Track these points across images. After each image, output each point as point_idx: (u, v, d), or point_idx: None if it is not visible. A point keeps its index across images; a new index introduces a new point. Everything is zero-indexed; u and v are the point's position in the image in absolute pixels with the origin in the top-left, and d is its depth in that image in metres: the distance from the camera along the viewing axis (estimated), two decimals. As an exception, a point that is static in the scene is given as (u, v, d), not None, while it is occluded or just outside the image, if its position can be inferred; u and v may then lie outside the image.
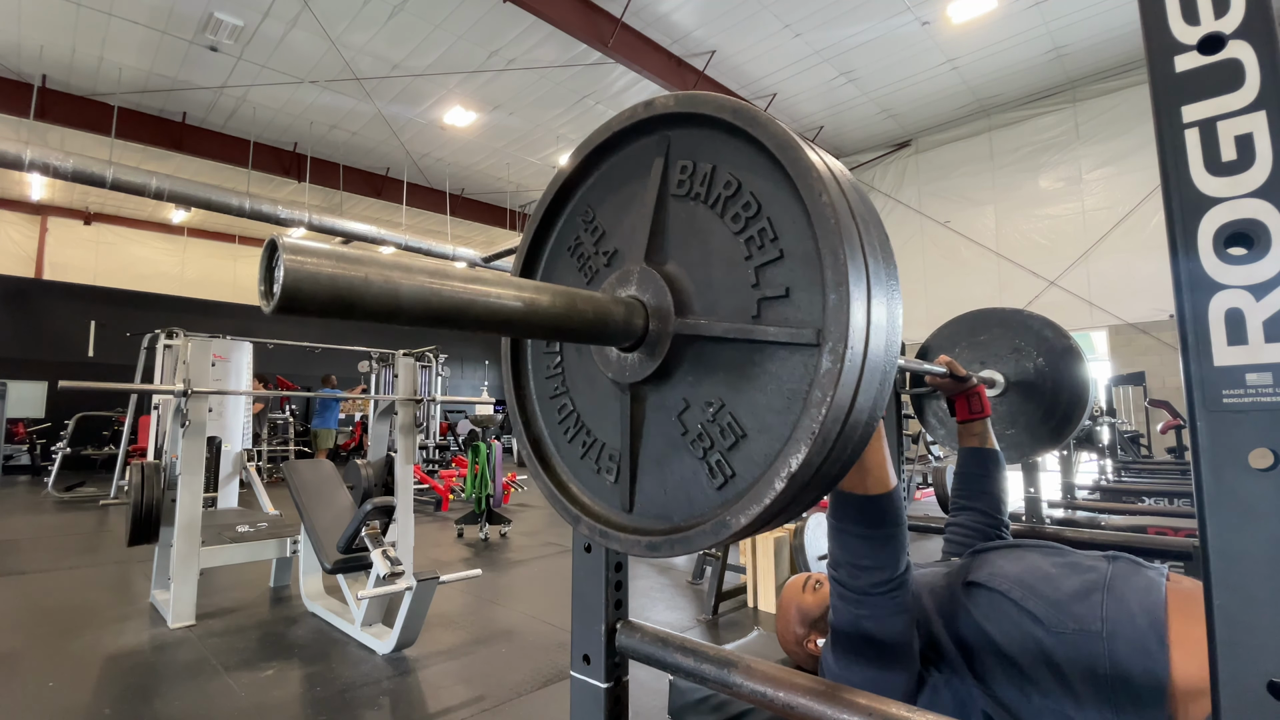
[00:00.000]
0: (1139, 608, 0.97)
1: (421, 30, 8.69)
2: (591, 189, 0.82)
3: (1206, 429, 0.49)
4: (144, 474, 3.53)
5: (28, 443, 11.20)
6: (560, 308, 0.60)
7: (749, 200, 0.64)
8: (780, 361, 0.60)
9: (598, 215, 0.81)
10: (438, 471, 8.98)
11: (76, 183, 9.07)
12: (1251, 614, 0.47)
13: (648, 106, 0.72)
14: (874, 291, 0.56)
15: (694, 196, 0.69)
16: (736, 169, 0.65)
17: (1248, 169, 0.49)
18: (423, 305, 0.49)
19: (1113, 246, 9.82)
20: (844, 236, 0.55)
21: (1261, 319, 0.48)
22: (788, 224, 0.61)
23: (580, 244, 0.83)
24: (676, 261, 0.70)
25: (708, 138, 0.68)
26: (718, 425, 0.65)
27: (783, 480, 0.56)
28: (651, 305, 0.69)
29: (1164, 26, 0.53)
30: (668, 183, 0.72)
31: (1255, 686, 0.46)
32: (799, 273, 0.60)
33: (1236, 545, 0.48)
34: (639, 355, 0.70)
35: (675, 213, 0.71)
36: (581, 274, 0.83)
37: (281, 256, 0.42)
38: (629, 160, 0.77)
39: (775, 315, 0.61)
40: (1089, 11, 8.44)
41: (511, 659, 3.09)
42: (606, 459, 0.77)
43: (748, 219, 0.64)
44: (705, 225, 0.68)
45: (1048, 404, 1.87)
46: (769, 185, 0.62)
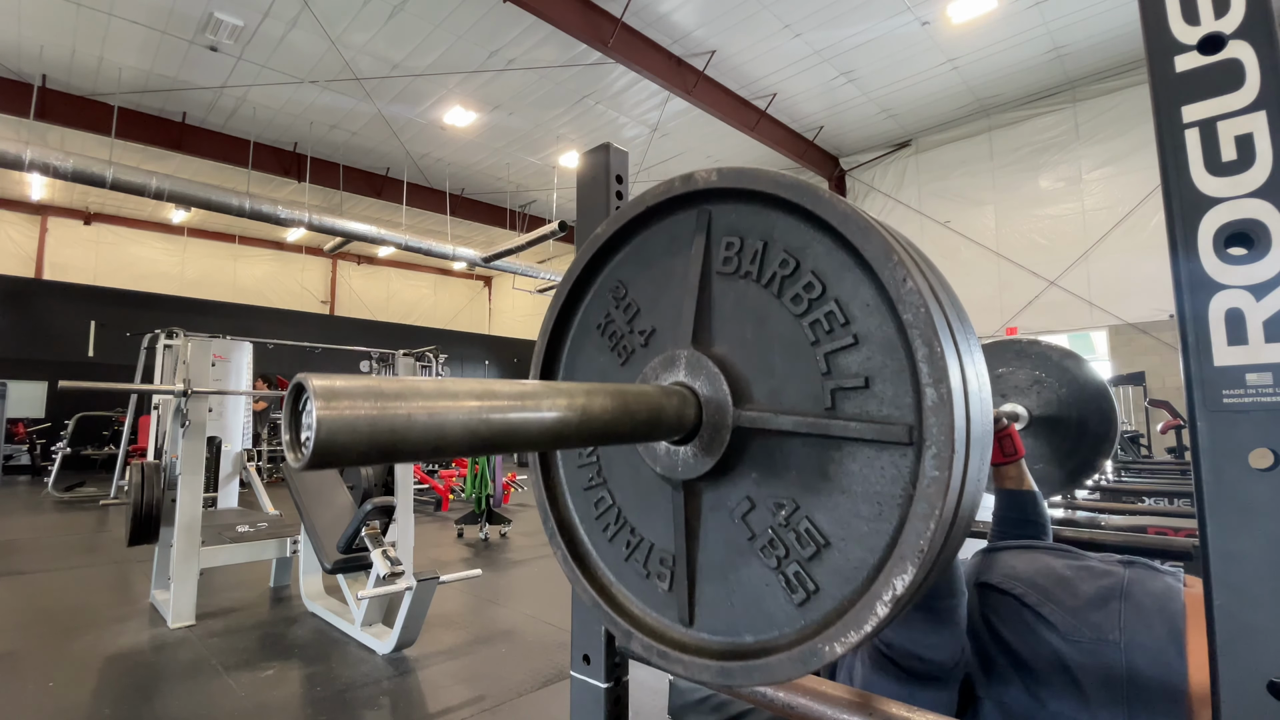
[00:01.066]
0: (1157, 617, 0.95)
1: (421, 30, 8.69)
2: (622, 263, 0.76)
3: (1206, 429, 0.49)
4: (144, 474, 3.53)
5: (28, 443, 11.21)
6: (613, 412, 0.55)
7: (810, 281, 0.58)
8: (864, 461, 0.54)
9: (630, 291, 0.74)
10: (438, 471, 8.98)
11: (76, 183, 9.07)
12: (1251, 614, 0.47)
13: (686, 181, 0.67)
14: (969, 382, 0.51)
15: (744, 275, 0.63)
16: (792, 246, 0.60)
17: (1248, 169, 0.49)
18: (470, 436, 0.45)
19: (1113, 246, 9.81)
20: (935, 325, 0.50)
21: (1261, 319, 0.48)
22: (860, 306, 0.55)
23: (611, 321, 0.76)
24: (728, 344, 0.64)
25: (755, 212, 0.63)
26: (792, 531, 0.58)
27: (887, 605, 0.50)
28: (705, 394, 0.63)
29: (1164, 26, 0.53)
30: (711, 259, 0.66)
31: (1255, 686, 0.46)
32: (879, 360, 0.54)
33: (1236, 545, 0.48)
34: (693, 449, 0.63)
35: (722, 291, 0.65)
36: (615, 354, 0.76)
37: (313, 403, 0.37)
38: (664, 234, 0.71)
39: (854, 407, 0.55)
40: (1089, 11, 8.44)
41: (511, 659, 3.09)
42: (657, 562, 0.69)
43: (811, 300, 0.58)
44: (759, 306, 0.62)
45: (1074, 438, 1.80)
46: (832, 263, 0.57)
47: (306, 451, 0.37)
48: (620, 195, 1.38)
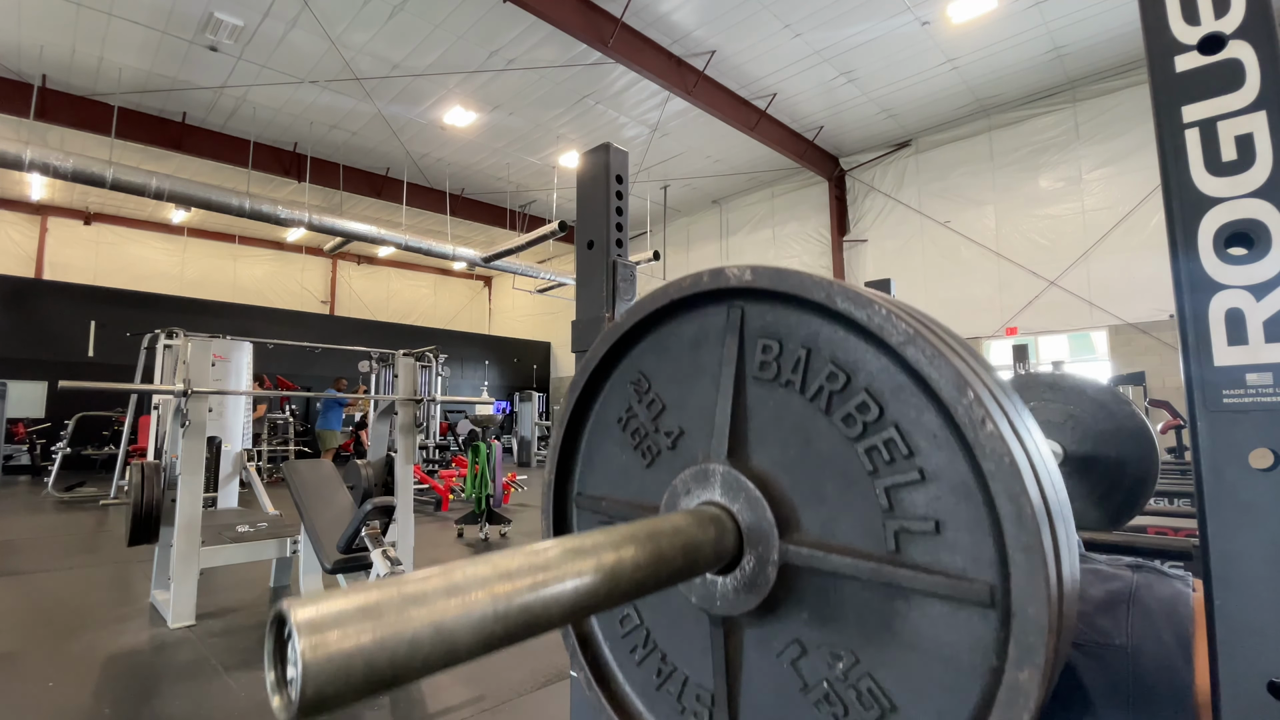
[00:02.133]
0: (1166, 622, 0.95)
1: (421, 30, 8.69)
2: (644, 354, 0.70)
3: (1207, 429, 0.49)
4: (144, 474, 3.53)
5: (28, 443, 11.21)
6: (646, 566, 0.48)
7: (865, 401, 0.52)
8: (937, 617, 0.48)
9: (654, 385, 0.69)
10: (438, 471, 8.98)
11: (76, 183, 9.07)
12: (1251, 614, 0.47)
13: (715, 277, 0.60)
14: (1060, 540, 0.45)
15: (784, 384, 0.57)
16: (841, 359, 0.53)
17: (1248, 169, 0.49)
18: (484, 639, 0.38)
19: (1113, 246, 9.81)
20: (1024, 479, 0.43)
21: (1261, 319, 0.48)
22: (925, 437, 0.49)
23: (634, 416, 0.71)
24: (769, 462, 0.58)
25: (795, 314, 0.57)
26: (852, 688, 0.52)
27: None
28: (746, 522, 0.57)
29: (1164, 26, 0.53)
30: (745, 362, 0.60)
31: (1255, 686, 0.46)
32: (951, 504, 0.47)
33: (1236, 545, 0.48)
34: (734, 582, 0.57)
35: (760, 399, 0.59)
36: (639, 453, 0.70)
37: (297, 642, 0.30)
38: (691, 326, 0.65)
39: (923, 554, 0.49)
40: (1089, 11, 8.44)
41: (511, 659, 3.09)
42: (693, 698, 0.63)
43: (866, 423, 0.52)
44: (805, 421, 0.56)
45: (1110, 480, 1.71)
46: (890, 383, 0.51)
47: (292, 701, 0.31)
48: (620, 195, 1.37)
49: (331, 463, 4.31)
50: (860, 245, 12.86)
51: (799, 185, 13.71)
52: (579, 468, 0.78)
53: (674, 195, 14.66)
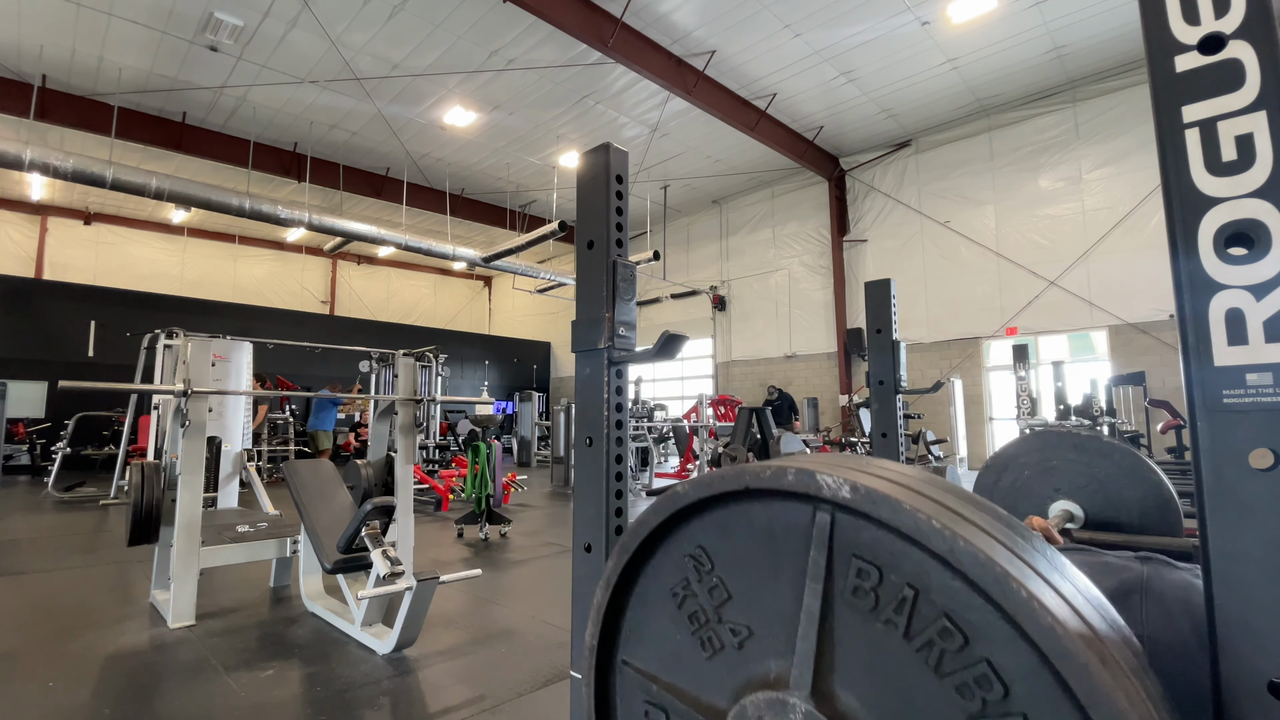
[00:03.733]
0: (1181, 611, 0.94)
1: (421, 30, 8.69)
2: (706, 528, 0.63)
3: (1207, 429, 0.49)
4: (144, 474, 3.53)
5: (28, 443, 11.20)
6: None
7: (987, 675, 0.44)
8: None
9: (717, 567, 0.62)
10: (438, 471, 8.98)
11: (76, 183, 9.07)
12: (1251, 614, 0.47)
13: (803, 480, 0.51)
14: None
15: (884, 620, 0.49)
16: (958, 613, 0.46)
17: (1248, 169, 0.49)
18: None
19: (1113, 246, 9.82)
20: None
21: (1261, 319, 0.48)
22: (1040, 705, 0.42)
23: (692, 595, 0.64)
24: (858, 706, 0.50)
25: (904, 546, 0.48)
26: None
27: None
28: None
29: (1164, 26, 0.53)
30: (836, 580, 0.52)
31: (1255, 686, 0.46)
32: None
33: (1236, 545, 0.48)
34: None
35: (849, 628, 0.51)
36: (697, 639, 0.63)
37: None
38: (765, 514, 0.58)
39: None
40: (1089, 11, 8.44)
41: (511, 659, 3.09)
42: None
43: (986, 700, 0.44)
44: (907, 671, 0.48)
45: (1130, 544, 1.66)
46: (1021, 664, 0.43)
47: None
48: (620, 195, 1.37)
49: (331, 463, 4.31)
50: (860, 245, 12.86)
51: (799, 185, 13.71)
52: (625, 631, 0.71)
53: (674, 195, 14.65)
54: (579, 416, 1.45)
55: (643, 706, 0.68)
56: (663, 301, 16.21)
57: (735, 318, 15.02)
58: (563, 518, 7.08)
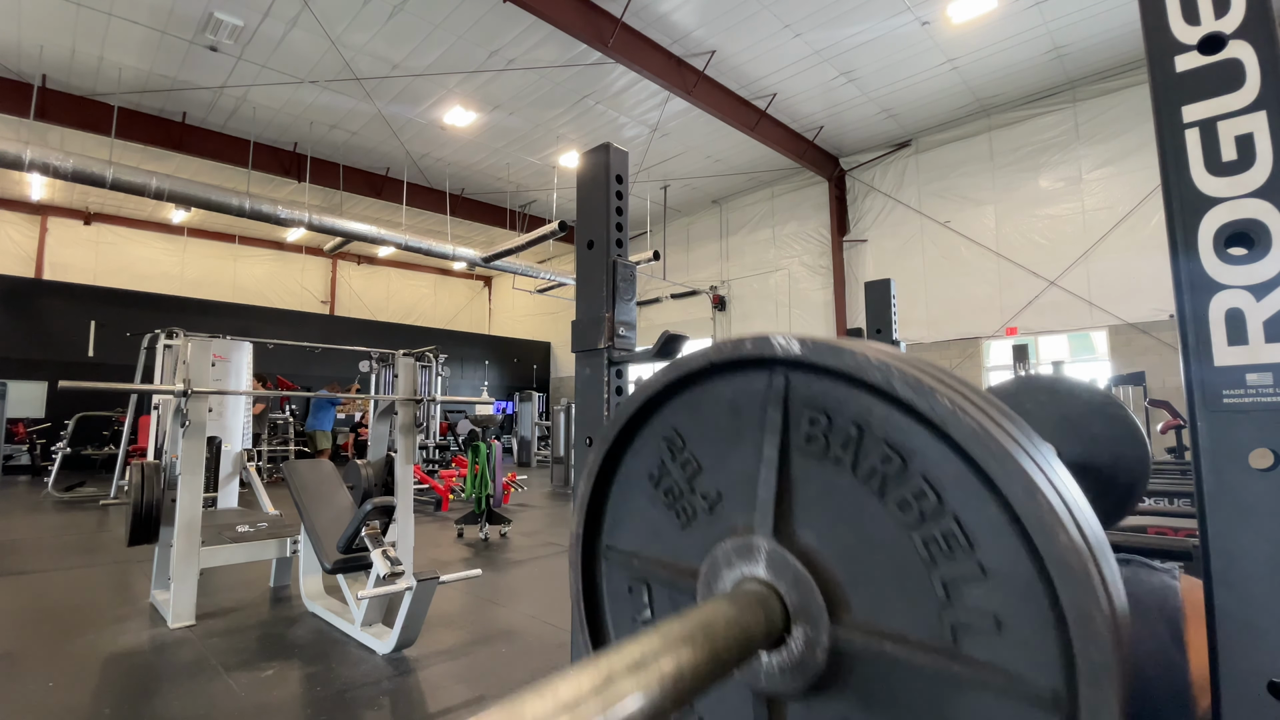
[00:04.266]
0: (1158, 614, 0.95)
1: (421, 30, 8.69)
2: (677, 411, 0.68)
3: (1207, 429, 0.49)
4: (144, 474, 3.53)
5: (28, 443, 11.21)
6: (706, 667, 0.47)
7: (922, 488, 0.50)
8: (992, 714, 0.47)
9: (689, 444, 0.67)
10: (438, 471, 8.98)
11: (76, 183, 9.07)
12: (1251, 614, 0.47)
13: (758, 344, 0.58)
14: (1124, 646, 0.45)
15: (833, 460, 0.55)
16: (897, 441, 0.51)
17: (1248, 169, 0.49)
18: None
19: (1113, 246, 9.82)
20: (1094, 587, 0.42)
21: (1261, 319, 0.48)
22: (987, 530, 0.47)
23: (668, 474, 0.69)
24: (816, 540, 0.56)
25: (846, 390, 0.54)
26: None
27: None
28: (794, 603, 0.55)
29: (1164, 26, 0.53)
30: (791, 432, 0.58)
31: (1255, 686, 0.46)
32: (1014, 603, 0.46)
33: (1236, 545, 0.48)
34: (780, 661, 0.56)
35: (805, 474, 0.57)
36: (673, 513, 0.69)
37: None
38: (728, 389, 0.63)
39: (982, 650, 0.48)
40: (1089, 11, 8.44)
41: (511, 659, 3.09)
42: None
43: (923, 512, 0.50)
44: (855, 502, 0.54)
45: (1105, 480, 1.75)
46: (950, 472, 0.49)
47: None
48: (620, 195, 1.37)
49: (331, 463, 4.31)
50: (860, 245, 12.86)
51: (799, 185, 13.71)
52: (607, 520, 0.76)
53: (674, 195, 14.66)
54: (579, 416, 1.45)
55: (626, 584, 0.74)
56: (663, 301, 16.21)
57: (735, 318, 15.02)
58: (563, 518, 7.07)
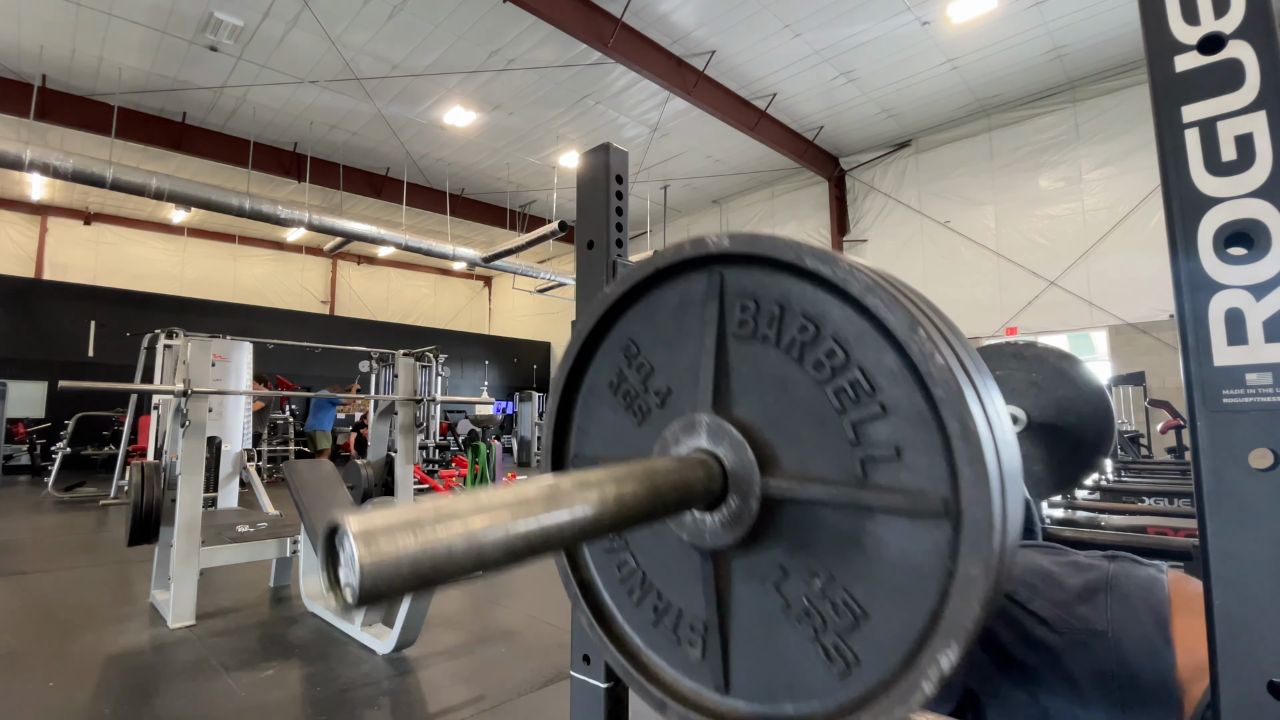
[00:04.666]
0: (1143, 606, 0.97)
1: (421, 30, 8.69)
2: (632, 321, 0.75)
3: (1206, 429, 0.49)
4: (144, 474, 3.53)
5: (28, 443, 11.21)
6: (645, 498, 0.55)
7: (833, 348, 0.57)
8: (899, 531, 0.53)
9: (643, 350, 0.74)
10: (438, 471, 8.98)
11: (76, 183, 9.08)
12: (1251, 614, 0.47)
13: (696, 244, 0.66)
14: (1000, 450, 0.50)
15: (761, 339, 0.63)
16: (810, 311, 0.59)
17: (1248, 169, 0.49)
18: (507, 552, 0.45)
19: (1113, 246, 9.82)
20: (968, 401, 0.49)
21: (1261, 319, 0.48)
22: (885, 375, 0.54)
23: (624, 381, 0.75)
24: (749, 409, 0.63)
25: (769, 276, 0.62)
26: (829, 601, 0.57)
27: (933, 683, 0.50)
28: (730, 463, 0.62)
29: (1164, 26, 0.53)
30: (726, 321, 0.66)
31: (1255, 686, 0.46)
32: (909, 431, 0.53)
33: (1236, 545, 0.48)
34: (720, 519, 0.62)
35: (740, 355, 0.65)
36: (630, 414, 0.75)
37: (354, 548, 0.37)
38: (675, 294, 0.71)
39: (886, 478, 0.54)
40: (1089, 11, 8.44)
41: (511, 659, 3.09)
42: (688, 629, 0.68)
43: (834, 368, 0.57)
44: (779, 371, 0.61)
45: (1072, 440, 1.82)
46: (853, 330, 0.56)
47: (351, 595, 0.38)
48: (620, 195, 1.37)
49: (331, 463, 4.31)
50: (860, 245, 12.86)
51: (799, 185, 13.72)
52: (574, 432, 0.81)
53: (674, 195, 14.66)
54: (579, 416, 1.45)
55: None
56: (663, 301, 16.20)
57: (735, 318, 15.03)
58: (563, 518, 7.09)
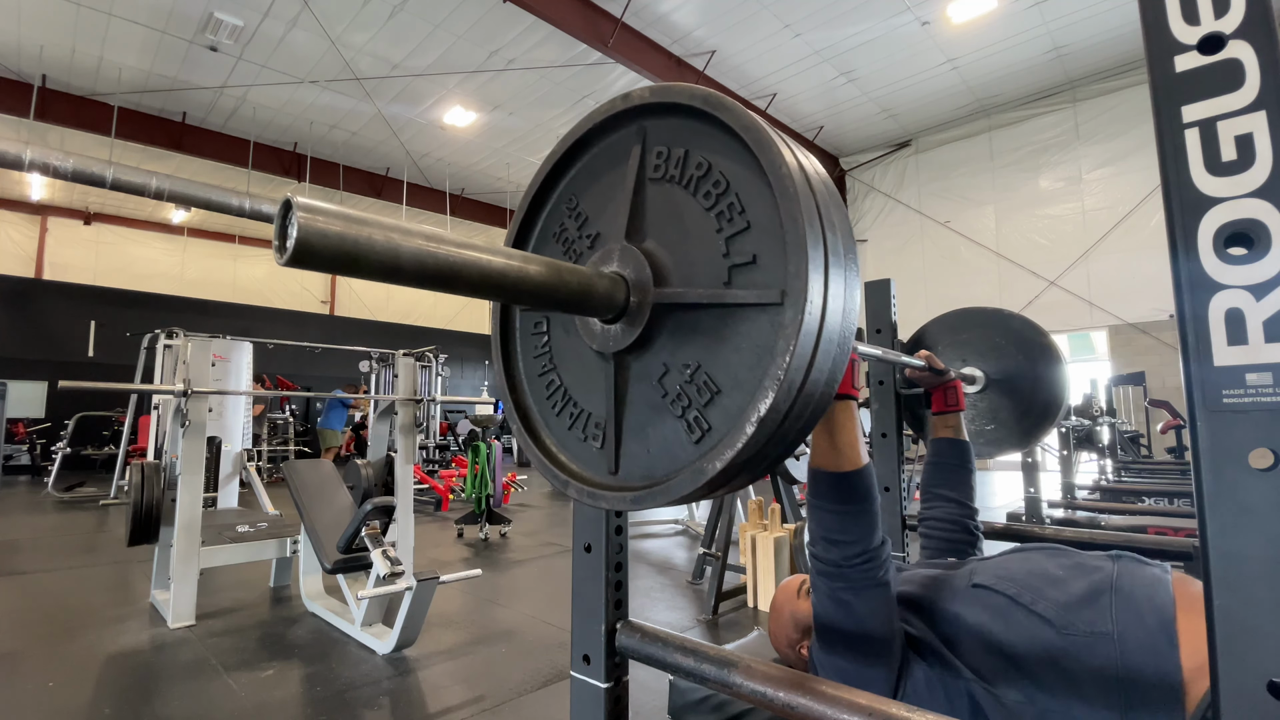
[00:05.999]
0: (1147, 607, 0.97)
1: (421, 30, 8.69)
2: (574, 179, 0.87)
3: (1206, 429, 0.49)
4: (144, 474, 3.53)
5: (28, 443, 11.20)
6: (547, 274, 0.65)
7: (719, 179, 0.69)
8: (750, 322, 0.65)
9: (581, 203, 0.85)
10: (438, 471, 8.98)
11: (76, 183, 9.08)
12: (1251, 614, 0.47)
13: (625, 99, 0.78)
14: (831, 259, 0.62)
15: (669, 179, 0.75)
16: (707, 152, 0.70)
17: (1248, 169, 0.49)
18: (419, 265, 0.54)
19: (1113, 246, 9.82)
20: (803, 207, 0.60)
21: (1261, 319, 0.48)
22: (754, 198, 0.66)
23: (565, 230, 0.87)
24: (655, 239, 0.75)
25: (681, 125, 0.74)
26: (695, 385, 0.69)
27: (752, 425, 0.60)
28: (632, 279, 0.74)
29: (1164, 26, 0.53)
30: (645, 168, 0.77)
31: (1255, 686, 0.46)
32: (765, 242, 0.65)
33: (1236, 545, 0.48)
34: (621, 326, 0.75)
35: (653, 195, 0.76)
36: (567, 257, 0.86)
37: (295, 214, 0.46)
38: (610, 150, 0.82)
39: (745, 280, 0.66)
40: (1089, 11, 8.44)
41: (511, 659, 3.09)
42: (593, 427, 0.81)
43: (718, 195, 0.69)
44: (680, 204, 0.73)
45: (1026, 401, 1.94)
46: (737, 165, 0.68)
47: (289, 248, 0.46)
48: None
49: (331, 463, 4.31)
50: (860, 245, 12.86)
51: (799, 185, 13.71)
52: None
53: (674, 195, 14.66)
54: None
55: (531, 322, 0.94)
56: (663, 301, 16.21)
57: (735, 318, 15.03)
58: (563, 518, 7.08)
